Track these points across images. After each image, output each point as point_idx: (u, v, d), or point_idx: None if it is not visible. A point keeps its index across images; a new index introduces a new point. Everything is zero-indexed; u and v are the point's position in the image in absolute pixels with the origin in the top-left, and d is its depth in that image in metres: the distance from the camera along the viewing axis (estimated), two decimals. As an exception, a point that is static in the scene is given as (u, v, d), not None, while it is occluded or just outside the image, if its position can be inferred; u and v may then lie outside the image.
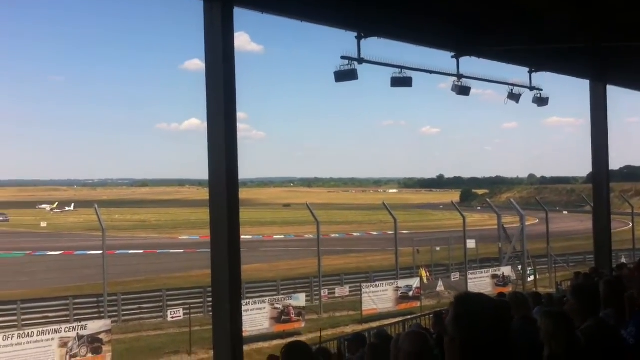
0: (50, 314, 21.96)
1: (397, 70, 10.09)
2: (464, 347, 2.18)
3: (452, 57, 10.90)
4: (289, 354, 4.28)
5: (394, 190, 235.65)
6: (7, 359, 15.76)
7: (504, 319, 2.27)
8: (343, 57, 9.30)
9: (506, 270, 27.80)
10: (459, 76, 11.06)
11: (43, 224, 76.58)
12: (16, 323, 21.17)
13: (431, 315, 14.98)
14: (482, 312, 2.20)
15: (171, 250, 45.65)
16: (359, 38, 9.24)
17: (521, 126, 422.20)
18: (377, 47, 9.62)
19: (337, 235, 55.01)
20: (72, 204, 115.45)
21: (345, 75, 9.29)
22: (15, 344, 16.05)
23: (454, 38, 10.29)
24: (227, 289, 7.32)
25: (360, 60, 9.29)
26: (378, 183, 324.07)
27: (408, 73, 10.12)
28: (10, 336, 16.37)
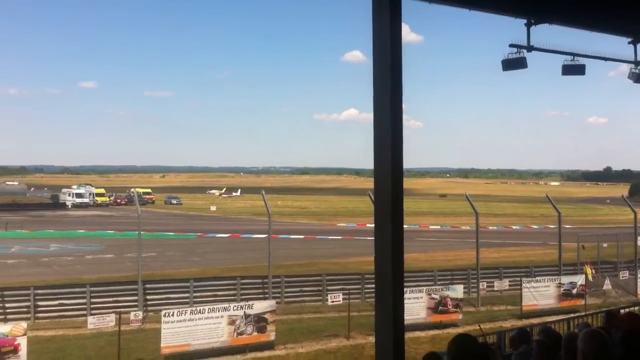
0: (219, 293, 23.25)
1: (569, 57, 9.61)
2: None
3: (629, 42, 10.19)
4: (458, 346, 4.27)
5: (556, 183, 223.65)
6: (181, 333, 17.09)
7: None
8: (512, 45, 9.01)
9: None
10: (637, 63, 10.31)
11: (212, 208, 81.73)
12: (188, 300, 22.65)
13: (601, 315, 14.22)
14: None
15: (330, 237, 46.81)
16: (528, 25, 8.89)
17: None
18: (547, 34, 9.24)
19: (496, 227, 53.42)
20: (239, 190, 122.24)
21: (513, 64, 9.02)
22: (188, 320, 17.23)
23: (632, 22, 9.61)
24: (390, 277, 7.46)
25: (530, 48, 8.94)
26: (539, 175, 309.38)
27: (580, 60, 9.61)
28: (184, 312, 17.64)
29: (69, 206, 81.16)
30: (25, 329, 15.64)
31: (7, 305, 20.76)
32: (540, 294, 23.12)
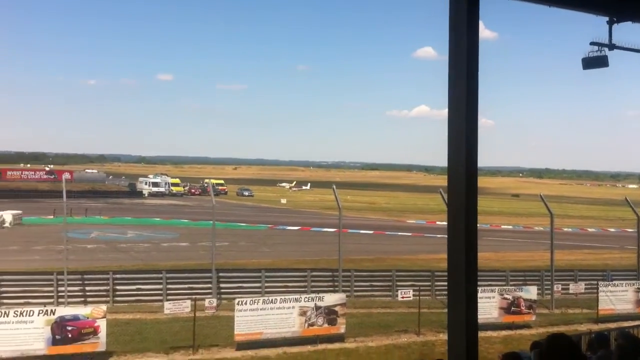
0: (289, 284, 23.61)
1: (655, 57, 9.31)
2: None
3: None
4: (554, 346, 4.23)
5: (634, 186, 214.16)
6: (254, 321, 17.45)
7: None
8: (592, 43, 8.80)
9: None
10: None
11: (283, 201, 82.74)
12: (260, 290, 23.11)
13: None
14: None
15: (399, 233, 46.65)
16: (610, 22, 8.65)
17: None
18: (629, 32, 8.97)
19: (570, 229, 51.78)
20: (309, 184, 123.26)
21: (594, 62, 8.79)
22: (260, 309, 17.61)
23: None
24: (464, 274, 7.48)
25: (612, 47, 8.71)
26: (616, 177, 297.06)
27: (668, 59, 9.29)
28: (256, 301, 18.06)
29: (146, 195, 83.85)
30: (104, 311, 16.37)
31: (87, 288, 21.69)
32: (618, 298, 22.44)
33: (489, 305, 20.14)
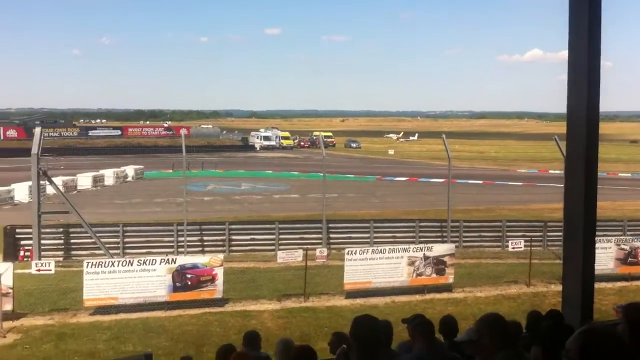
0: (397, 234, 23.66)
1: None
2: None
3: None
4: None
5: None
6: (363, 271, 17.66)
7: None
8: None
9: None
10: None
11: (390, 152, 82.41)
12: (369, 240, 23.29)
13: None
14: None
15: (510, 183, 45.40)
16: None
17: None
18: None
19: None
20: (416, 134, 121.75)
21: None
22: (370, 259, 17.81)
23: None
24: (582, 224, 7.22)
25: None
26: None
27: None
28: (365, 251, 18.24)
29: (258, 148, 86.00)
30: (221, 260, 17.09)
31: (204, 238, 22.72)
32: None
33: (604, 256, 19.34)
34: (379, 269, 17.85)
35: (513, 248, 20.92)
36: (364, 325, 4.24)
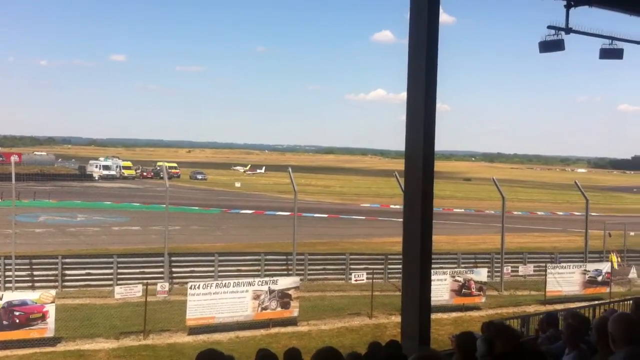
0: (243, 268, 23.46)
1: (607, 41, 9.47)
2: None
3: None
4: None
5: (583, 170, 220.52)
6: (206, 305, 17.28)
7: None
8: (550, 27, 8.90)
9: None
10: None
11: (237, 184, 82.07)
12: (213, 274, 22.81)
13: (626, 302, 14.20)
14: None
15: (353, 217, 46.84)
16: (568, 6, 8.75)
17: None
18: (586, 16, 9.10)
19: (520, 212, 52.93)
20: (263, 167, 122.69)
21: (551, 46, 8.91)
22: (214, 293, 17.44)
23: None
24: (419, 257, 7.50)
25: (568, 30, 8.83)
26: (565, 161, 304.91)
27: (619, 45, 9.47)
28: (209, 285, 17.86)
29: (96, 178, 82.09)
30: (53, 296, 16.01)
31: (35, 273, 21.14)
32: (565, 280, 23.03)
33: (440, 287, 20.39)
34: (223, 303, 17.53)
35: (356, 280, 21.49)
36: None
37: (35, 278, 21.05)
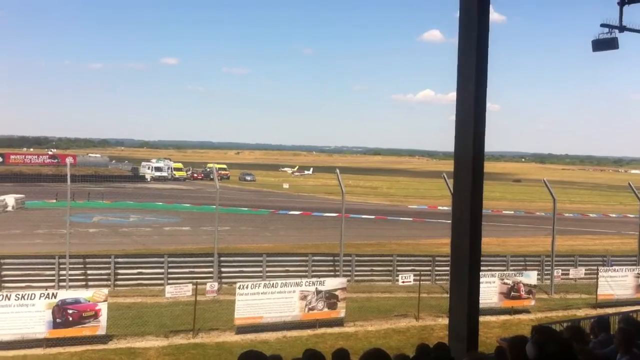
0: (290, 268, 23.56)
1: (662, 39, 9.21)
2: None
3: None
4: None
5: (637, 171, 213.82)
6: (254, 305, 17.40)
7: None
8: (603, 25, 8.72)
9: None
10: None
11: (285, 185, 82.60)
12: (261, 274, 23.01)
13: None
14: None
15: (401, 218, 46.63)
16: (621, 4, 8.56)
17: None
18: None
19: (572, 214, 51.76)
20: (311, 168, 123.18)
21: (604, 44, 8.71)
22: (261, 293, 17.55)
23: None
24: (467, 259, 7.45)
25: (622, 28, 8.63)
26: (619, 162, 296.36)
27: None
28: (257, 285, 17.97)
29: (148, 179, 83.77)
30: (105, 295, 16.33)
31: (88, 272, 21.64)
32: (617, 283, 22.48)
33: (489, 290, 20.11)
34: (270, 303, 17.63)
35: (403, 282, 21.38)
36: None
37: (89, 277, 21.54)
